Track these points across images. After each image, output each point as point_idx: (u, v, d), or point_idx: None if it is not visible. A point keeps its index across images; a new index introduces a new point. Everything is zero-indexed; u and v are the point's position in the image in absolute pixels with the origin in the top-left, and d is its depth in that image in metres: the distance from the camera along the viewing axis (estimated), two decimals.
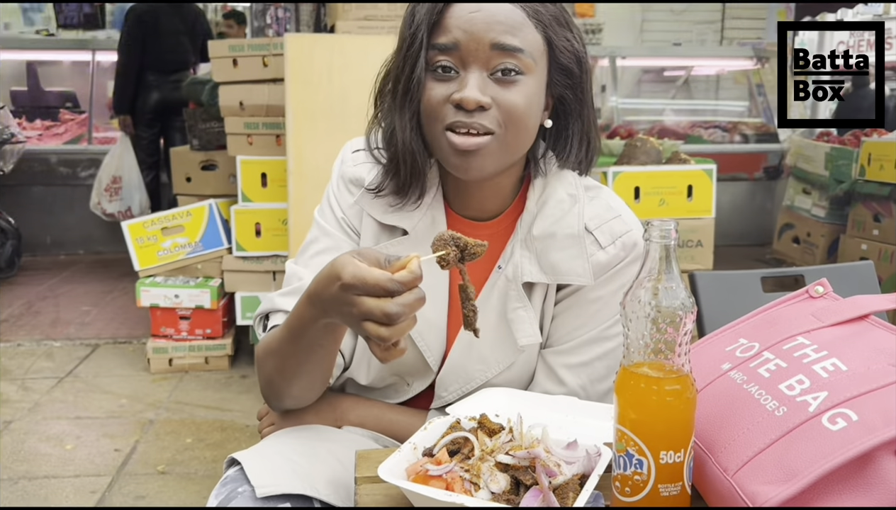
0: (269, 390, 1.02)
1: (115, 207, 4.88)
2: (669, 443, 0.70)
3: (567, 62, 0.99)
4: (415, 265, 0.76)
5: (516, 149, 0.99)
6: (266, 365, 0.98)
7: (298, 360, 0.93)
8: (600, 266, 1.03)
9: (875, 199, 4.03)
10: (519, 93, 0.94)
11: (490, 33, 0.93)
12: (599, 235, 1.03)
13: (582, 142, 1.04)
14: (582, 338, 1.04)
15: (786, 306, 0.89)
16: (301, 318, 0.87)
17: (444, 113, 0.94)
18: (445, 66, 0.94)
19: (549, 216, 1.03)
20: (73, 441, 2.70)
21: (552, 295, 1.05)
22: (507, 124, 0.94)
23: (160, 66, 4.85)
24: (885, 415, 0.66)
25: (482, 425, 0.84)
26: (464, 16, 0.94)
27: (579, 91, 1.01)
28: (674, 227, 0.71)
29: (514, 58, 0.93)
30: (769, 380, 0.76)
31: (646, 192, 3.02)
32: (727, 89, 7.20)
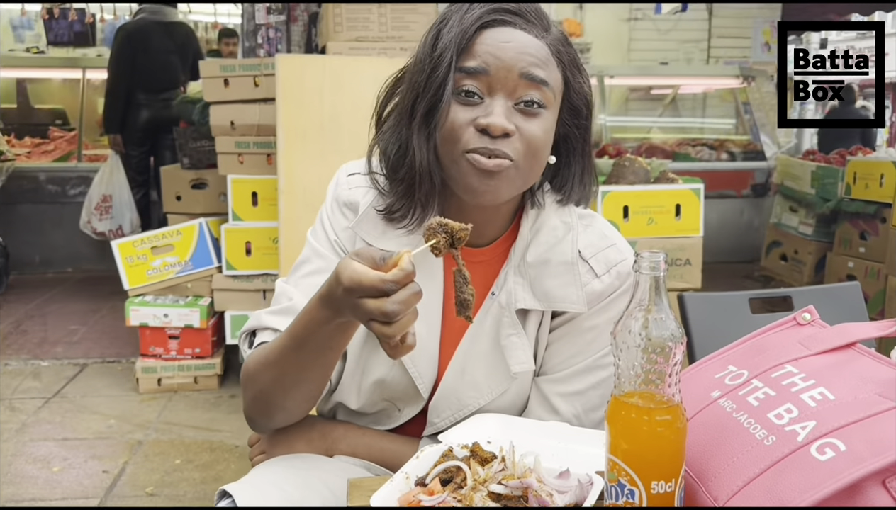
0: (259, 406, 1.01)
1: (106, 226, 4.86)
2: (660, 473, 0.70)
3: (578, 103, 1.02)
4: (405, 262, 0.78)
5: (529, 179, 1.00)
6: (260, 378, 0.98)
7: (303, 367, 0.94)
8: (595, 294, 1.04)
9: (861, 218, 4.07)
10: (540, 125, 0.96)
11: (521, 63, 0.94)
12: (595, 264, 1.04)
13: (583, 179, 1.06)
14: (576, 367, 1.05)
15: (774, 333, 0.90)
16: (311, 322, 0.88)
17: (467, 137, 0.95)
18: (471, 90, 0.95)
19: (543, 243, 1.04)
20: (60, 463, 2.67)
21: (547, 322, 1.05)
22: (526, 154, 0.96)
23: (150, 85, 4.85)
24: (872, 444, 0.67)
25: (474, 454, 0.84)
26: (495, 43, 0.95)
27: (584, 131, 1.04)
28: (663, 259, 0.72)
29: (539, 90, 0.95)
30: (758, 409, 0.77)
31: (634, 211, 3.04)
32: (714, 107, 7.28)
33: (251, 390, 1.01)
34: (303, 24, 3.74)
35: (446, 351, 1.07)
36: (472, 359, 1.05)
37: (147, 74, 4.82)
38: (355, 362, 1.07)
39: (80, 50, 7.71)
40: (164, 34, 4.89)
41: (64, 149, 5.76)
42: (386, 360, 1.05)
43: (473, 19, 0.96)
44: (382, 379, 1.06)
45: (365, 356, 1.07)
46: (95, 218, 4.86)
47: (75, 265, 5.43)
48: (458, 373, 1.05)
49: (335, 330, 0.87)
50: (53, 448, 2.79)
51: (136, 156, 4.97)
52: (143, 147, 4.97)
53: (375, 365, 1.06)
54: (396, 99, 1.07)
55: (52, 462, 2.68)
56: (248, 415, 1.04)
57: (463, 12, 0.97)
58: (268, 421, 1.04)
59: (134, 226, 4.84)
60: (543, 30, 0.98)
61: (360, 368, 1.07)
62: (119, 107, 4.83)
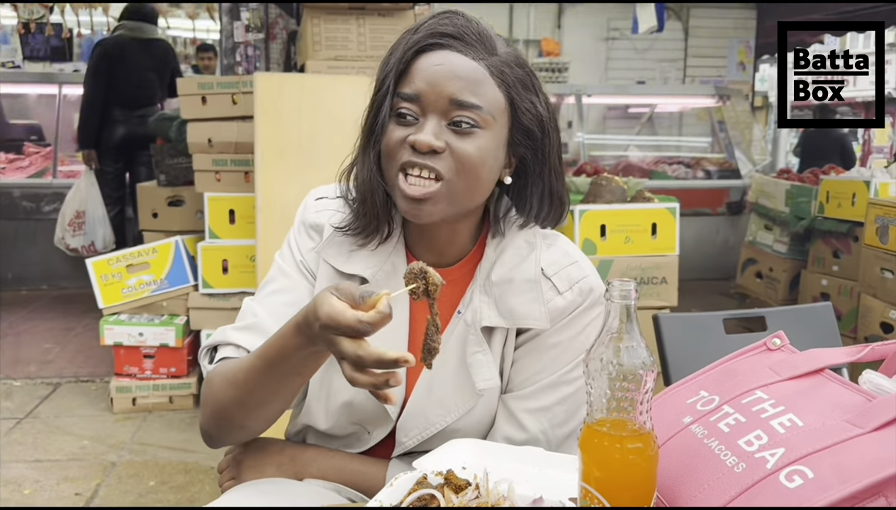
0: (218, 422, 1.02)
1: (79, 242, 4.81)
2: (632, 499, 0.71)
3: (529, 124, 1.02)
4: (383, 304, 0.79)
5: (468, 198, 1.01)
6: (223, 395, 0.98)
7: (270, 389, 0.94)
8: (558, 311, 1.05)
9: (834, 236, 4.13)
10: (473, 144, 0.97)
11: (449, 87, 0.96)
12: (557, 281, 1.05)
13: (543, 201, 1.07)
14: (542, 383, 1.05)
15: (745, 358, 0.91)
16: (285, 347, 0.89)
17: (400, 154, 0.98)
18: (404, 112, 0.98)
19: (507, 262, 1.06)
20: (31, 485, 2.63)
21: (512, 340, 1.06)
22: (459, 172, 0.97)
23: (126, 101, 4.81)
24: (840, 472, 0.68)
25: (448, 481, 0.84)
26: (428, 68, 0.98)
27: (540, 153, 1.04)
28: (633, 288, 0.72)
29: (470, 112, 0.96)
30: (728, 435, 0.77)
31: (611, 229, 3.06)
32: (690, 126, 7.38)
33: (212, 406, 1.01)
34: (282, 42, 3.75)
35: (413, 371, 1.07)
36: (438, 377, 1.05)
37: (124, 91, 4.79)
38: (319, 384, 1.08)
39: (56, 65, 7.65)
40: (142, 51, 4.86)
41: (39, 165, 5.69)
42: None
43: (411, 44, 0.99)
44: (350, 401, 1.07)
45: (329, 380, 1.07)
46: (69, 234, 4.80)
47: (50, 283, 5.36)
48: (426, 392, 1.06)
49: (307, 357, 0.88)
50: (25, 470, 2.74)
51: (112, 172, 4.92)
52: (118, 163, 4.92)
53: (342, 388, 1.06)
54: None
55: (24, 484, 2.63)
56: (205, 429, 1.05)
57: (408, 37, 1.00)
58: (225, 437, 1.05)
59: (107, 242, 4.79)
60: (486, 52, 0.99)
61: (326, 391, 1.08)
62: (94, 122, 4.79)
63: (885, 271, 3.39)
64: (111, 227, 4.86)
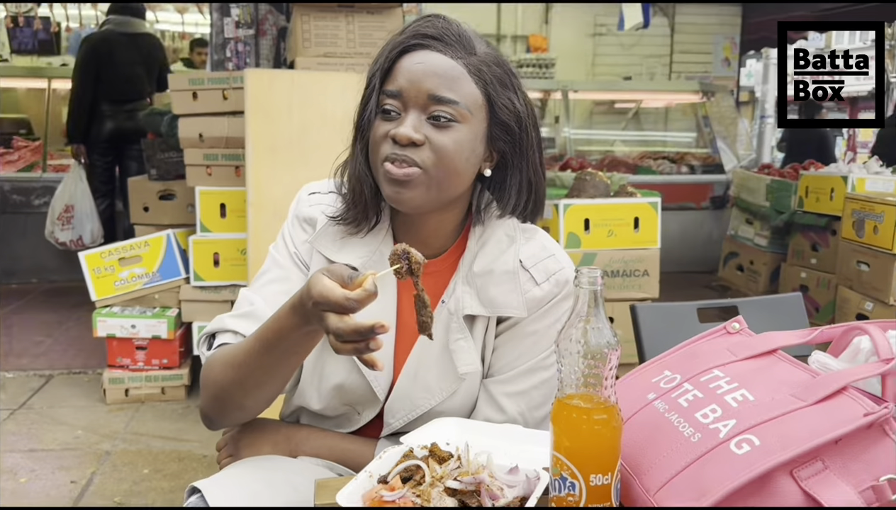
0: (218, 404, 1.08)
1: (67, 236, 4.85)
2: (598, 467, 0.78)
3: (506, 119, 1.09)
4: (369, 283, 0.86)
5: (447, 188, 1.07)
6: (222, 378, 1.05)
7: (268, 369, 1.01)
8: (536, 301, 1.12)
9: (813, 230, 4.23)
10: (450, 137, 1.04)
11: (427, 84, 1.04)
12: (535, 273, 1.13)
13: (521, 193, 1.14)
14: (520, 369, 1.13)
15: (706, 341, 0.99)
16: (282, 328, 0.96)
17: (384, 147, 1.05)
18: (388, 109, 1.06)
19: (488, 255, 1.13)
20: (27, 474, 2.68)
21: (492, 328, 1.14)
22: (437, 163, 1.04)
23: (115, 96, 4.84)
24: (783, 439, 0.76)
25: (433, 453, 0.92)
26: (409, 66, 1.06)
27: (517, 147, 1.11)
28: (600, 275, 0.80)
29: (448, 107, 1.04)
30: (687, 410, 0.85)
31: (595, 223, 3.14)
32: (675, 121, 7.47)
33: (212, 388, 1.07)
34: (271, 39, 3.80)
35: (400, 356, 1.15)
36: (423, 363, 1.13)
37: (112, 85, 4.81)
38: (312, 367, 1.15)
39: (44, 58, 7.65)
40: (130, 45, 4.89)
41: (28, 159, 5.72)
42: (344, 367, 1.13)
43: (395, 45, 1.08)
44: (341, 384, 1.14)
45: (322, 363, 1.14)
46: (58, 227, 4.85)
47: (40, 276, 5.39)
48: (412, 376, 1.13)
49: (303, 337, 0.95)
50: (20, 459, 2.80)
51: (101, 166, 4.95)
52: (107, 157, 4.95)
53: (334, 371, 1.14)
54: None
55: (19, 473, 2.68)
56: (205, 412, 1.11)
57: (393, 39, 1.09)
58: (224, 419, 1.12)
59: (95, 236, 4.84)
60: (464, 52, 1.07)
61: (318, 374, 1.15)
62: (83, 117, 4.82)
63: (861, 264, 3.49)
64: (100, 222, 4.90)
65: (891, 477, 0.73)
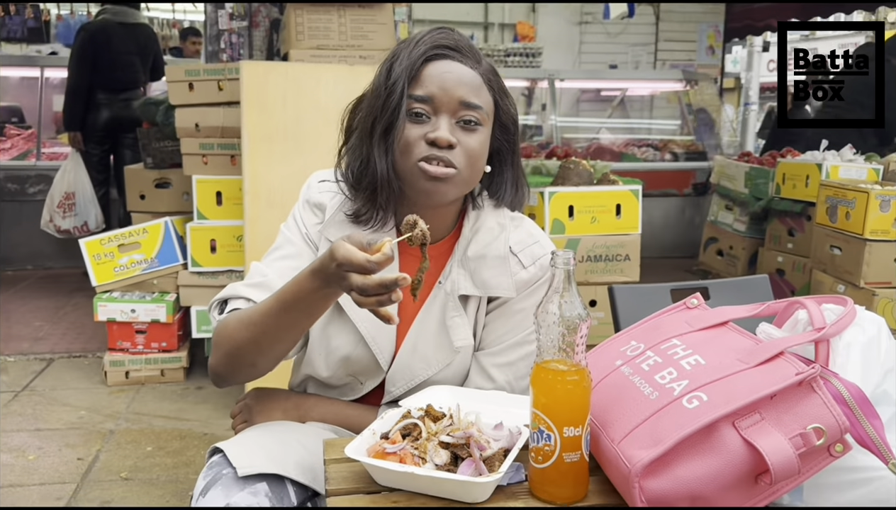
0: (230, 362, 1.17)
1: (70, 223, 4.92)
2: (571, 420, 0.91)
3: (506, 121, 1.25)
4: (387, 248, 0.98)
5: (470, 184, 1.23)
6: (237, 336, 1.15)
7: (283, 328, 1.11)
8: (523, 282, 1.26)
9: (789, 215, 4.38)
10: (476, 139, 1.19)
11: (459, 91, 1.17)
12: (523, 257, 1.27)
13: (512, 186, 1.29)
14: (508, 343, 1.27)
15: (668, 315, 1.13)
16: (301, 290, 1.06)
17: (419, 149, 1.16)
18: (420, 112, 1.17)
19: (481, 241, 1.26)
20: (35, 452, 2.80)
21: (483, 306, 1.27)
22: (467, 163, 1.18)
23: (110, 85, 4.92)
24: (727, 395, 0.89)
25: (428, 413, 1.05)
26: (438, 74, 1.18)
27: (512, 144, 1.27)
28: (572, 256, 0.93)
29: (475, 112, 1.18)
30: (648, 373, 0.98)
31: (578, 210, 3.27)
32: (660, 109, 7.61)
33: (226, 346, 1.17)
34: (264, 30, 3.89)
35: (401, 331, 1.28)
36: (422, 337, 1.26)
37: (108, 74, 4.90)
38: (319, 340, 1.27)
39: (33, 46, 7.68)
40: (126, 35, 4.97)
41: (21, 147, 5.77)
42: (350, 341, 1.26)
43: (420, 54, 1.19)
44: (348, 356, 1.26)
45: (328, 337, 1.26)
46: (58, 215, 4.91)
47: (35, 263, 5.47)
48: (411, 349, 1.26)
49: (320, 298, 1.06)
50: (27, 438, 2.91)
51: (97, 154, 5.03)
52: (103, 146, 5.03)
53: (341, 345, 1.26)
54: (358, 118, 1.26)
55: (28, 451, 2.80)
56: (216, 371, 1.20)
57: (410, 48, 1.20)
58: (234, 376, 1.20)
59: (98, 221, 4.92)
60: (476, 62, 1.21)
61: (326, 346, 1.27)
62: (79, 105, 4.89)
63: (833, 248, 3.63)
64: (100, 207, 4.99)
65: (816, 425, 0.86)
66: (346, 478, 0.99)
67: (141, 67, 5.06)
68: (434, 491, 0.93)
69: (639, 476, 0.86)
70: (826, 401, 0.87)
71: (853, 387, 0.88)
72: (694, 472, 0.86)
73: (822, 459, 0.86)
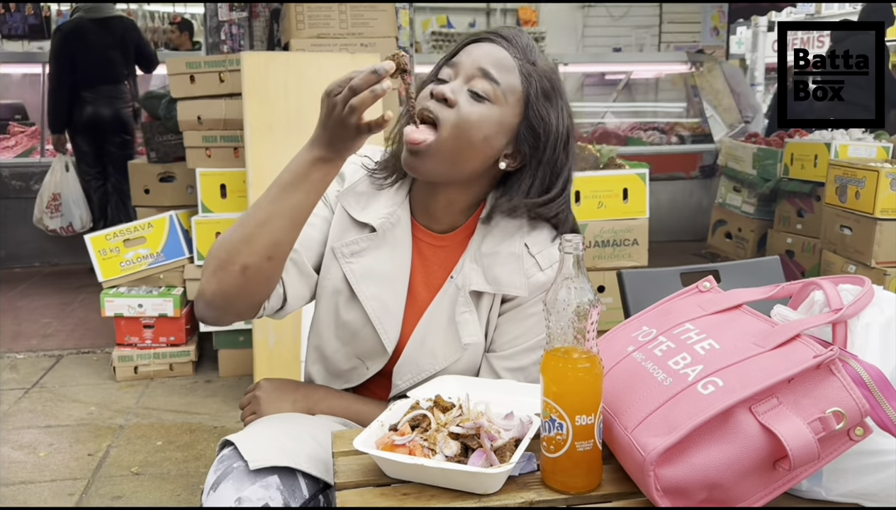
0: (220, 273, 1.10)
1: (56, 223, 4.97)
2: (583, 409, 0.89)
3: (535, 125, 1.18)
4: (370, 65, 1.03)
5: (459, 160, 1.17)
6: (230, 236, 1.10)
7: (279, 213, 1.08)
8: (539, 285, 1.22)
9: (798, 196, 4.34)
10: (478, 111, 1.15)
11: (481, 61, 1.17)
12: (540, 259, 1.23)
13: (531, 195, 1.22)
14: (521, 347, 1.24)
15: (679, 299, 1.10)
16: (298, 164, 1.08)
17: (421, 103, 1.17)
18: (442, 77, 1.19)
19: (496, 237, 1.23)
20: (45, 448, 2.80)
21: (497, 306, 1.24)
22: (455, 127, 1.14)
23: (91, 82, 4.86)
24: (743, 380, 0.87)
25: (437, 404, 1.03)
26: (472, 48, 1.20)
27: (537, 151, 1.20)
28: (581, 241, 0.90)
29: (489, 83, 1.16)
30: (661, 358, 0.96)
31: (585, 195, 3.24)
32: (665, 91, 7.54)
33: (215, 256, 1.11)
34: (264, 20, 3.86)
35: (410, 321, 1.26)
36: (431, 330, 1.24)
37: (87, 72, 4.84)
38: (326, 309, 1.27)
39: (35, 43, 7.66)
40: (102, 30, 4.91)
41: (25, 144, 5.78)
42: (358, 318, 1.24)
43: (469, 37, 1.23)
44: (355, 333, 1.25)
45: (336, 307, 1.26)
46: (47, 216, 4.97)
47: (42, 259, 5.48)
48: (419, 342, 1.24)
49: (313, 166, 1.08)
50: (38, 434, 2.91)
51: (90, 151, 5.00)
52: (93, 142, 4.99)
53: (349, 320, 1.25)
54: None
55: (38, 447, 2.80)
56: (204, 294, 1.12)
57: (471, 34, 1.25)
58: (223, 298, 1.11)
59: (84, 222, 4.95)
60: (524, 56, 1.18)
61: (333, 317, 1.26)
62: (62, 107, 4.87)
63: (843, 228, 3.60)
64: (87, 207, 4.99)
65: (836, 409, 0.84)
66: (355, 471, 0.98)
67: (122, 61, 4.99)
68: (444, 482, 0.91)
69: (654, 464, 0.84)
70: (845, 384, 0.84)
71: (873, 369, 0.86)
72: (710, 460, 0.84)
73: (842, 443, 0.84)
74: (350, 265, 1.24)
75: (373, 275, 1.24)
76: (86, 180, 5.02)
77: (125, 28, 5.14)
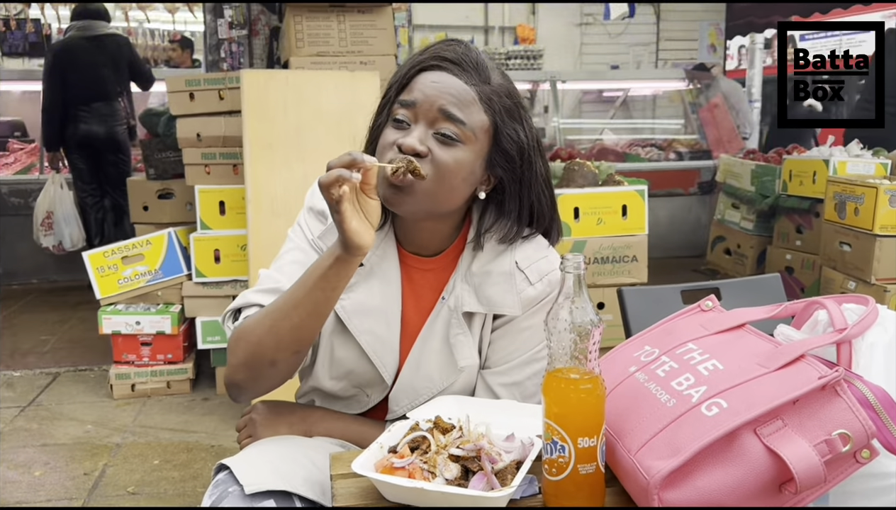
0: (248, 364, 1.11)
1: (49, 241, 5.00)
2: (585, 431, 0.88)
3: (508, 148, 1.15)
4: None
5: (441, 202, 1.15)
6: (256, 329, 1.10)
7: (304, 310, 1.07)
8: (530, 299, 1.21)
9: (797, 212, 4.33)
10: (452, 155, 1.11)
11: (440, 100, 1.11)
12: (529, 273, 1.21)
13: (521, 219, 1.21)
14: (515, 361, 1.23)
15: (682, 318, 1.09)
16: (319, 266, 1.06)
17: (389, 153, 1.12)
18: (400, 118, 1.13)
19: (486, 256, 1.22)
20: (41, 467, 2.77)
21: (489, 323, 1.23)
22: (435, 176, 1.11)
23: (84, 99, 4.85)
24: (748, 402, 0.85)
25: (437, 425, 1.01)
26: (426, 82, 1.13)
27: (517, 175, 1.18)
28: (582, 260, 0.90)
29: (454, 125, 1.11)
30: (664, 379, 0.95)
31: (584, 212, 3.24)
32: (663, 108, 7.57)
33: (242, 349, 1.11)
34: (264, 38, 3.88)
35: (405, 349, 1.24)
36: (425, 355, 1.23)
37: (80, 90, 4.83)
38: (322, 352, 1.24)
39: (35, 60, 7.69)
40: (94, 48, 4.91)
41: (24, 161, 5.78)
42: (353, 355, 1.23)
43: (415, 63, 1.16)
44: (352, 370, 1.23)
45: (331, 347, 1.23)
46: (41, 233, 4.99)
47: (40, 276, 5.46)
48: (415, 367, 1.23)
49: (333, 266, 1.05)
50: (33, 453, 2.89)
51: (85, 168, 4.99)
52: (88, 159, 4.98)
53: (345, 358, 1.23)
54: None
55: (34, 467, 2.77)
56: (233, 379, 1.14)
57: (415, 57, 1.17)
58: (252, 383, 1.14)
59: (74, 240, 4.95)
60: (479, 79, 1.14)
61: (328, 357, 1.24)
62: (55, 125, 4.86)
63: (843, 244, 3.59)
64: (79, 226, 4.99)
65: (842, 431, 0.83)
66: (353, 494, 0.96)
67: (115, 78, 4.98)
68: (445, 506, 0.90)
69: (658, 487, 0.83)
70: (851, 406, 0.83)
71: (878, 390, 0.85)
72: (715, 483, 0.83)
73: (849, 466, 0.83)
74: (340, 302, 1.20)
75: (364, 309, 1.21)
76: (83, 197, 5.02)
77: (118, 45, 5.10)
